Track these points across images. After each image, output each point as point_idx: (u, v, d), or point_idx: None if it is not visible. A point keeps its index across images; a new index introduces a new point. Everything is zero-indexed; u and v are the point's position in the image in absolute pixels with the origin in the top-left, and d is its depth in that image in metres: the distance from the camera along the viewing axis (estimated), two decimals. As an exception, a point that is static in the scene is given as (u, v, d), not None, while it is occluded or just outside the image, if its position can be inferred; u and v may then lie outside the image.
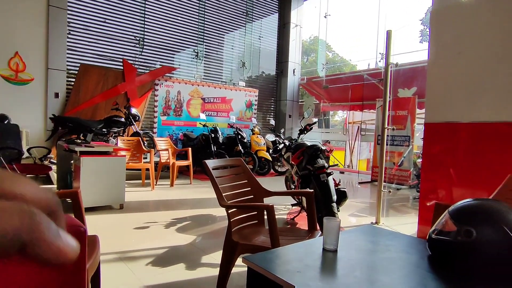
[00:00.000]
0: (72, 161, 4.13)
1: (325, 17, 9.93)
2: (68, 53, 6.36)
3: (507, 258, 1.07)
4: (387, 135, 6.67)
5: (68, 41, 6.35)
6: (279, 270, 1.10)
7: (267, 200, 2.19)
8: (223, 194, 1.95)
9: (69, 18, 6.36)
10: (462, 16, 2.90)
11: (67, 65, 6.34)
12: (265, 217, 1.80)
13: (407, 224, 3.96)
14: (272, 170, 7.52)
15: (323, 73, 9.79)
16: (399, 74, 6.85)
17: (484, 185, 2.25)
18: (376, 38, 11.21)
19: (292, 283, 1.00)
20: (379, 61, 8.88)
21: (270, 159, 7.17)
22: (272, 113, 9.97)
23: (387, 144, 6.74)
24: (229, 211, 1.91)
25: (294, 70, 9.83)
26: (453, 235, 1.16)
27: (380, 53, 8.78)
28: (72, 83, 6.30)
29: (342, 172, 8.79)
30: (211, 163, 2.02)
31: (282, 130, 8.08)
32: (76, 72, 6.32)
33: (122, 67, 6.78)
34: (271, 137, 5.58)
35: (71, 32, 6.42)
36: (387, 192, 4.04)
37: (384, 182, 4.10)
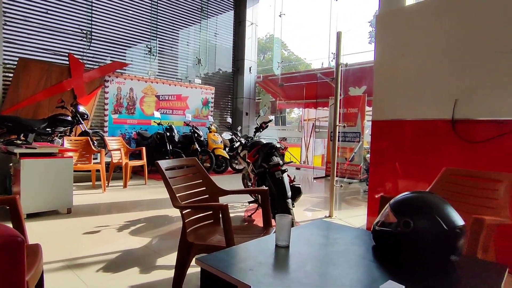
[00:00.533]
0: (11, 164, 3.80)
1: (280, 16, 10.09)
2: (4, 46, 5.82)
3: (439, 245, 1.18)
4: (339, 132, 6.97)
5: (4, 33, 5.80)
6: (232, 270, 1.11)
7: (223, 199, 2.19)
8: (177, 195, 1.92)
9: (5, 7, 5.81)
10: (405, 21, 3.11)
11: (4, 59, 5.80)
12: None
13: (358, 216, 4.17)
14: (230, 168, 7.51)
15: (278, 71, 9.95)
16: (350, 73, 7.17)
17: (426, 177, 2.44)
18: (328, 38, 11.62)
19: (244, 281, 1.01)
20: (332, 61, 9.24)
21: (228, 157, 7.16)
22: (229, 111, 9.95)
23: (339, 141, 7.05)
24: (183, 212, 1.88)
25: (250, 68, 9.88)
26: (394, 226, 1.25)
27: (332, 53, 9.14)
28: (10, 79, 5.78)
29: (298, 168, 9.02)
30: (164, 163, 1.97)
31: (239, 128, 8.09)
32: (14, 66, 5.80)
33: (67, 62, 6.34)
34: (227, 135, 5.57)
35: (8, 23, 5.88)
36: (339, 187, 4.22)
37: (336, 177, 4.28)
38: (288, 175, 3.33)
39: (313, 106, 9.48)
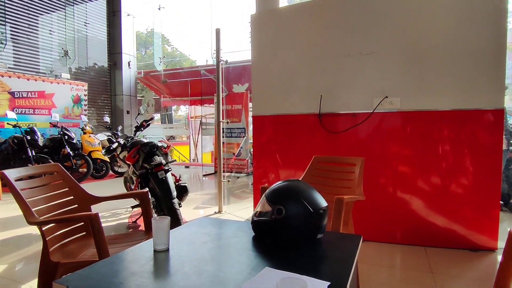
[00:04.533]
0: None
1: (159, 9, 9.66)
2: None
3: (307, 226, 1.30)
4: (226, 128, 7.14)
5: None
6: (99, 286, 0.98)
7: (97, 207, 1.96)
8: (35, 209, 1.61)
9: None
10: (277, 21, 3.34)
11: None
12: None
13: (246, 208, 4.35)
14: (111, 172, 6.86)
15: (161, 67, 9.54)
16: (233, 70, 7.40)
17: (302, 165, 2.68)
18: (210, 35, 11.72)
19: (114, 297, 0.90)
20: (214, 58, 9.34)
21: (108, 160, 6.52)
22: (108, 109, 9.05)
23: (226, 136, 7.22)
24: (43, 228, 1.60)
25: (129, 62, 9.19)
26: (269, 215, 1.32)
27: (214, 50, 9.25)
28: None
29: (187, 167, 8.88)
30: (13, 173, 1.63)
31: (119, 128, 7.45)
32: None
33: None
34: (102, 136, 5.05)
35: None
36: (227, 182, 4.31)
37: (224, 172, 4.35)
38: (173, 174, 3.22)
39: (199, 103, 9.45)
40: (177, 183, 3.24)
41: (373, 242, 2.95)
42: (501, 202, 4.06)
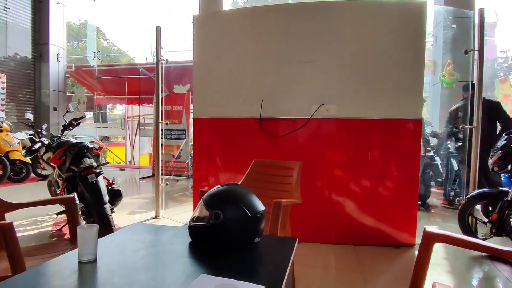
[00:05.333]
0: None
1: (94, 0, 9.01)
2: None
3: (245, 230, 1.30)
4: (166, 129, 6.90)
5: None
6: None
7: (13, 215, 1.74)
8: None
9: None
10: (221, 24, 3.32)
11: None
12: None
13: (185, 212, 4.23)
14: (33, 175, 6.19)
15: (94, 62, 8.90)
16: (174, 70, 7.18)
17: (242, 169, 2.69)
18: (151, 32, 11.27)
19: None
20: (154, 56, 8.99)
21: (29, 161, 5.87)
22: (30, 105, 8.16)
23: (166, 138, 6.98)
24: None
25: (58, 55, 8.41)
26: (207, 220, 1.30)
27: (155, 48, 8.89)
28: None
29: (122, 169, 8.39)
30: None
31: (44, 126, 6.75)
32: None
33: None
34: (22, 135, 4.53)
35: None
36: (165, 185, 4.15)
37: (162, 175, 4.19)
38: (105, 178, 3.01)
39: (137, 102, 8.99)
40: (109, 187, 3.03)
41: (310, 243, 3.07)
42: (418, 202, 4.53)
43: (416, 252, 1.77)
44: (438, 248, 2.73)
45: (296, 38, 3.07)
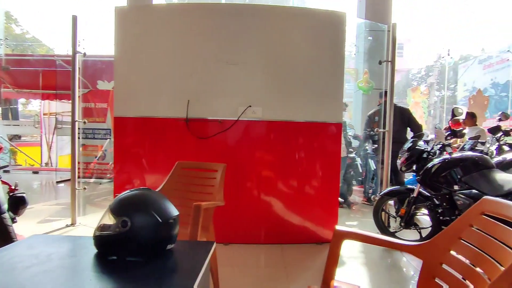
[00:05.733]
0: None
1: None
2: None
3: (156, 237, 1.22)
4: (88, 128, 6.35)
5: None
6: None
7: None
8: None
9: None
10: (145, 19, 3.14)
11: None
12: None
13: (106, 218, 3.92)
14: None
15: (1, 50, 7.82)
16: (98, 65, 6.66)
17: (167, 171, 2.56)
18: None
19: None
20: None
21: None
22: None
23: (88, 138, 6.43)
24: None
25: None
26: (113, 228, 1.19)
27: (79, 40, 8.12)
28: None
29: (36, 172, 7.52)
30: None
31: None
32: None
33: None
34: None
35: None
36: (83, 189, 3.80)
37: (82, 178, 3.84)
38: (5, 182, 2.65)
39: (54, 97, 8.09)
40: (11, 194, 2.66)
41: (239, 244, 3.06)
42: (341, 200, 4.84)
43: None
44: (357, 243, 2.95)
45: (225, 39, 3.05)
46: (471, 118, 5.16)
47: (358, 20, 7.11)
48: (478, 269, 1.09)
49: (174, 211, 1.26)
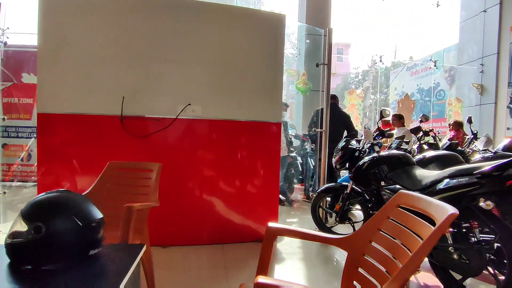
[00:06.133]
0: None
1: None
2: None
3: (77, 243, 1.13)
4: (10, 126, 5.71)
5: None
6: None
7: None
8: None
9: None
10: (76, 7, 2.89)
11: None
12: None
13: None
14: None
15: None
16: (23, 56, 6.02)
17: (100, 172, 2.39)
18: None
19: None
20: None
21: None
22: None
23: (10, 137, 5.79)
24: None
25: None
26: (25, 235, 1.08)
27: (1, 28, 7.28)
28: None
29: None
30: None
31: None
32: None
33: None
34: None
35: None
36: (3, 194, 3.41)
37: (1, 182, 3.43)
38: None
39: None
40: None
41: (180, 246, 2.98)
42: (283, 198, 4.98)
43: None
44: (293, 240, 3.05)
45: (163, 35, 2.94)
46: (399, 119, 5.65)
47: (299, 23, 7.37)
48: (390, 255, 1.19)
49: (97, 214, 1.19)
